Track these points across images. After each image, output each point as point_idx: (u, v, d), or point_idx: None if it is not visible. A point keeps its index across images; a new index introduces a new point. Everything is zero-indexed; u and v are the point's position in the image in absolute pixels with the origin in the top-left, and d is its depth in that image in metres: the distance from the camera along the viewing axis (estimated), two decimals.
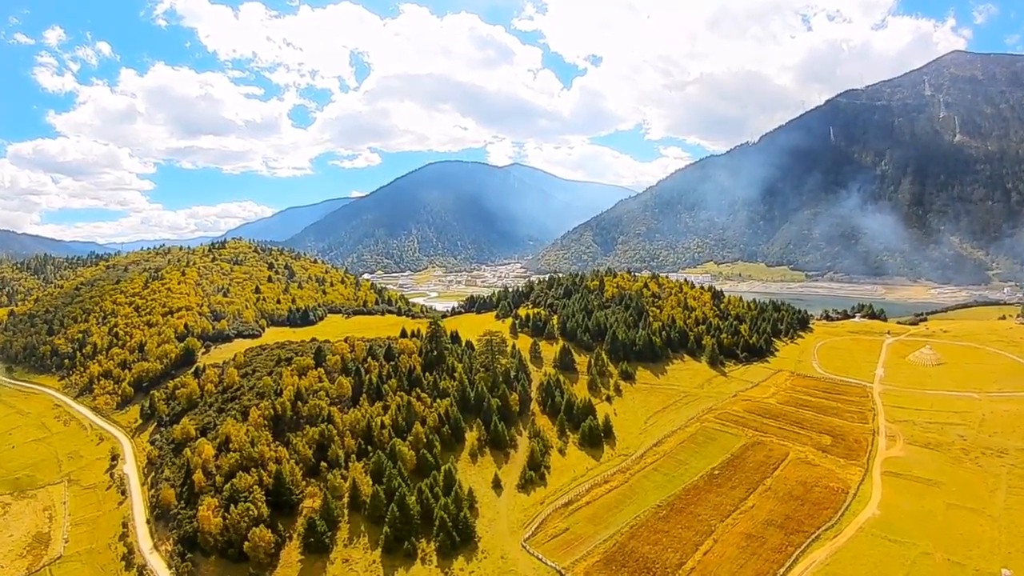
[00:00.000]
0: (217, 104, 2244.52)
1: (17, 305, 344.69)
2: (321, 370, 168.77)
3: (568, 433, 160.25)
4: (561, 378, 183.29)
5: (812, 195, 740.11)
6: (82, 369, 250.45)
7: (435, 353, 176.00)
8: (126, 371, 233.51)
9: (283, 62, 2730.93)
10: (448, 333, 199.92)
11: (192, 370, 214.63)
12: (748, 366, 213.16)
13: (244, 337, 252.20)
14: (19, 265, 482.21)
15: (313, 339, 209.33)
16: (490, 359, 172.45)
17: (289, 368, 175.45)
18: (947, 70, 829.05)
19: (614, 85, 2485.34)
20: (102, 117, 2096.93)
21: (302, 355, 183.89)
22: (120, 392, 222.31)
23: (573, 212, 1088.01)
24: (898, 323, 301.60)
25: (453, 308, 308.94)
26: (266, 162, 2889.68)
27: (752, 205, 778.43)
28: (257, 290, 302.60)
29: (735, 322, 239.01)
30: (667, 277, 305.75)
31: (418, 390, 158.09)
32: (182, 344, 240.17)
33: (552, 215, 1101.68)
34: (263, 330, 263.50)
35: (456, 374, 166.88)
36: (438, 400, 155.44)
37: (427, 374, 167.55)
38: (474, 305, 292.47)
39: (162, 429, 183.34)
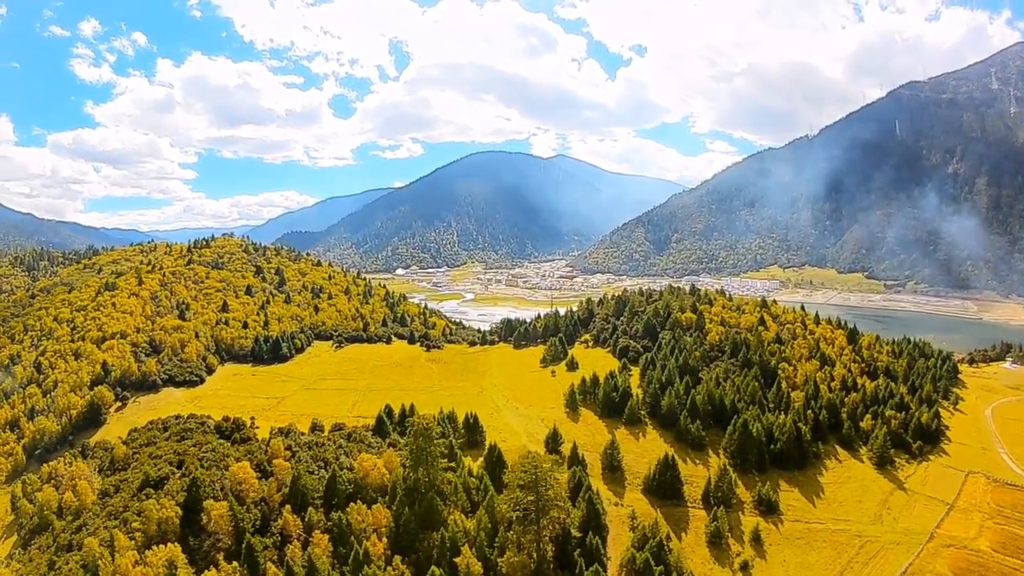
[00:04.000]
0: (256, 93, 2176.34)
1: None
2: (176, 548, 77.52)
3: None
4: (661, 527, 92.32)
5: (882, 193, 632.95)
6: None
7: (421, 496, 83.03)
8: (30, 424, 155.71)
9: (321, 51, 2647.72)
10: (454, 432, 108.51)
11: (80, 447, 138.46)
12: (924, 463, 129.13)
13: (178, 384, 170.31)
14: (15, 260, 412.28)
15: (232, 426, 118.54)
16: (534, 516, 79.51)
17: (138, 518, 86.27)
18: (1013, 63, 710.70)
19: (659, 76, 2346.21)
20: (141, 107, 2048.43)
21: (182, 475, 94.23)
22: (14, 456, 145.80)
23: (619, 206, 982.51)
24: None
25: (484, 335, 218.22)
26: (307, 152, 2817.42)
27: (816, 203, 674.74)
28: (224, 307, 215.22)
29: (888, 381, 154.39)
30: (775, 301, 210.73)
31: None
32: (91, 394, 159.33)
33: (598, 209, 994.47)
34: (211, 371, 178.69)
35: (462, 558, 74.35)
36: None
37: (399, 559, 75.41)
38: (512, 333, 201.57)
39: (16, 552, 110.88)
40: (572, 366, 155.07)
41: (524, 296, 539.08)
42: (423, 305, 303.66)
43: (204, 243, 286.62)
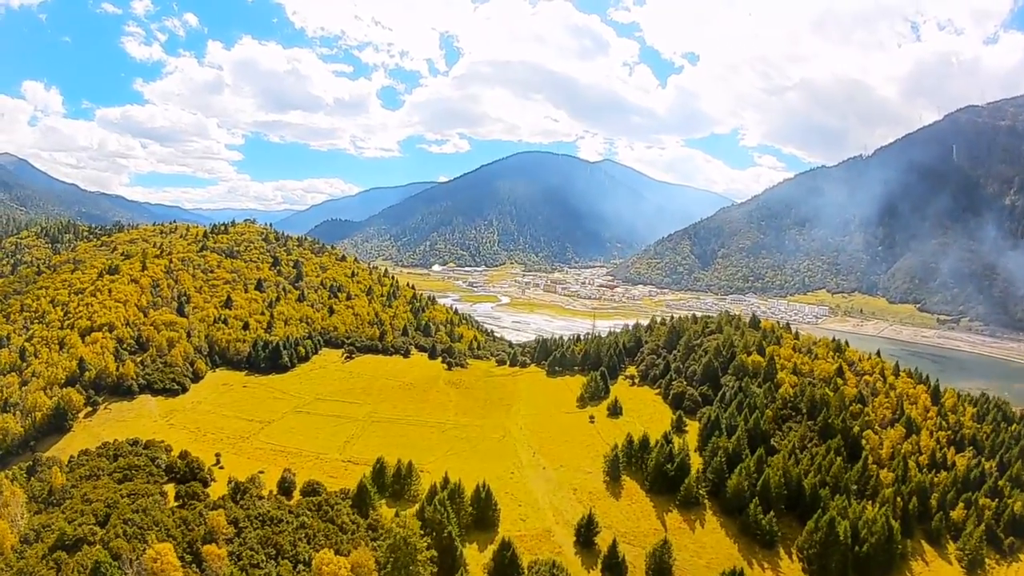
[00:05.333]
0: (305, 80, 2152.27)
1: None
2: None
3: None
4: None
5: (936, 221, 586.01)
6: None
7: None
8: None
9: (372, 41, 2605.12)
10: (459, 510, 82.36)
11: (31, 461, 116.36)
12: (1015, 564, 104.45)
13: (156, 392, 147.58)
14: (41, 230, 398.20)
15: (186, 469, 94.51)
16: None
17: None
18: None
19: (711, 85, 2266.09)
20: (189, 87, 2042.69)
21: (101, 540, 70.33)
22: None
23: (664, 216, 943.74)
24: None
25: (515, 353, 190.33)
26: (354, 141, 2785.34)
27: (868, 227, 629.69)
28: (228, 302, 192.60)
29: (975, 454, 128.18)
30: (847, 343, 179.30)
31: None
32: (60, 394, 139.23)
33: (642, 217, 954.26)
34: (197, 378, 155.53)
35: None
36: None
37: None
38: (547, 356, 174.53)
39: None
40: (615, 411, 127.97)
41: (562, 304, 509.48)
42: (453, 309, 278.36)
43: (222, 228, 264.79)
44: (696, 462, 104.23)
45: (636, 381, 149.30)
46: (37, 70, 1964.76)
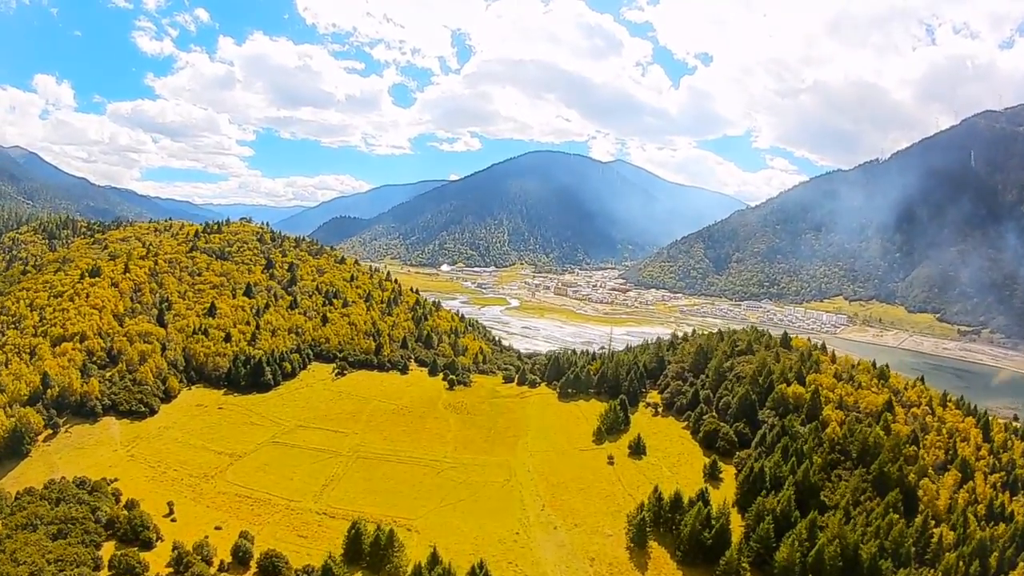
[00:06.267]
0: (316, 76, 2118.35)
1: None
2: None
3: None
4: None
5: (955, 228, 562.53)
6: None
7: None
8: None
9: (384, 38, 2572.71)
10: None
11: None
12: None
13: (121, 414, 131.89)
14: (39, 226, 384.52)
15: (127, 527, 79.03)
16: None
17: None
18: None
19: (724, 87, 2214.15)
20: (200, 82, 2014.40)
21: None
22: None
23: (676, 218, 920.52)
24: None
25: (524, 370, 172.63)
26: (365, 138, 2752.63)
27: (886, 233, 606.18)
28: (212, 310, 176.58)
29: None
30: (890, 369, 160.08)
31: None
32: (19, 414, 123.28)
33: (654, 219, 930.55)
34: (169, 398, 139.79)
35: None
36: None
37: None
38: (559, 375, 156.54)
39: None
40: (637, 449, 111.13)
41: (573, 308, 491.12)
42: (459, 316, 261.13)
43: (215, 227, 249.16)
44: (736, 521, 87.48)
45: (660, 409, 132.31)
46: (48, 64, 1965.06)
